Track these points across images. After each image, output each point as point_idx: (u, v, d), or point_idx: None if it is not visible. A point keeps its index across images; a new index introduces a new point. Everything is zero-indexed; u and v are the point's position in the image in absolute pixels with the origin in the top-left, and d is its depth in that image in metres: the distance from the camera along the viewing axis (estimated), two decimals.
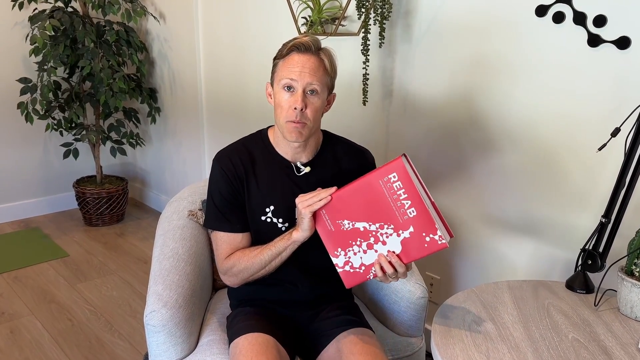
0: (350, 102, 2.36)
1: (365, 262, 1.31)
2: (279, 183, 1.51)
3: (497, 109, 1.89)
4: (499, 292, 1.50)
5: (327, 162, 1.54)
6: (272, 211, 1.50)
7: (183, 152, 3.57)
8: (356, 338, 1.44)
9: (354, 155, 1.59)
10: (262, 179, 1.50)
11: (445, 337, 1.28)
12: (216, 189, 1.51)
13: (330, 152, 1.56)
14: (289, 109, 1.39)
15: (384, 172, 1.24)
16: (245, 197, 1.50)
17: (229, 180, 1.49)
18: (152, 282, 1.60)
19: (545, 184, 1.81)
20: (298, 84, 1.38)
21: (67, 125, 3.44)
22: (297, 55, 1.40)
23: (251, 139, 1.56)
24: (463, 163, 2.03)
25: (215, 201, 1.51)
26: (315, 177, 1.51)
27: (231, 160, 1.50)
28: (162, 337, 1.51)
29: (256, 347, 1.38)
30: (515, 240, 1.93)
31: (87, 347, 2.31)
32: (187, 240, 1.75)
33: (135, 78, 3.55)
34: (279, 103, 1.41)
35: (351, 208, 1.29)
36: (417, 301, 1.65)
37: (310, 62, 1.39)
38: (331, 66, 1.44)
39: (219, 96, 3.14)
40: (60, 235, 3.46)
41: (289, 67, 1.39)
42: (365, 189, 1.27)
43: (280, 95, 1.41)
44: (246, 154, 1.52)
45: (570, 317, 1.38)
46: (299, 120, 1.39)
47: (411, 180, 1.23)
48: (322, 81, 1.41)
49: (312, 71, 1.38)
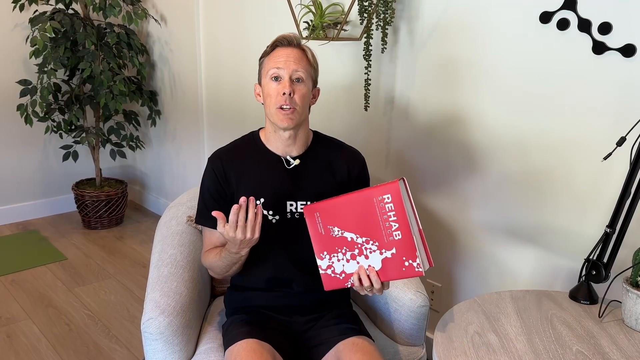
0: (351, 107, 2.35)
1: (346, 270, 1.36)
2: (269, 177, 1.55)
3: (501, 116, 1.87)
4: (501, 303, 1.48)
5: (317, 156, 1.59)
6: (263, 204, 1.53)
7: (183, 156, 3.55)
8: (355, 347, 1.42)
9: (344, 153, 1.63)
10: (253, 175, 1.55)
11: (448, 348, 1.26)
12: (205, 187, 1.59)
13: (320, 148, 1.61)
14: (277, 96, 1.47)
15: (380, 191, 1.29)
16: (234, 196, 1.54)
17: (217, 180, 1.56)
18: (149, 289, 1.58)
19: (549, 192, 1.79)
20: (284, 72, 1.47)
21: (67, 128, 3.42)
22: (281, 49, 1.49)
23: (243, 139, 1.64)
24: (465, 170, 2.01)
25: (203, 198, 1.59)
26: (304, 170, 1.56)
27: (222, 160, 1.57)
28: (159, 345, 1.49)
29: (251, 353, 1.37)
30: (517, 248, 1.91)
31: (84, 353, 2.29)
32: (185, 247, 1.74)
33: (136, 81, 3.53)
34: (268, 92, 1.49)
35: (344, 217, 1.34)
36: (418, 310, 1.63)
37: (294, 53, 1.49)
38: (313, 59, 1.54)
39: (219, 100, 3.12)
40: (59, 238, 3.44)
41: (274, 59, 1.48)
42: (361, 202, 1.31)
43: (269, 86, 1.49)
44: (238, 153, 1.59)
45: (574, 328, 1.36)
46: (289, 105, 1.45)
47: (403, 205, 1.27)
48: (307, 70, 1.50)
49: (296, 60, 1.48)
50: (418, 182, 2.18)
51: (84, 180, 3.72)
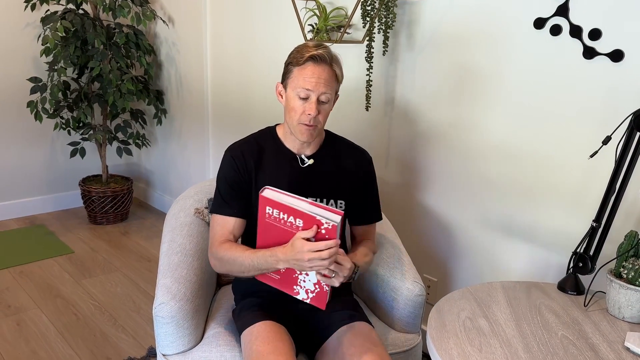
0: (354, 107, 2.44)
1: (314, 281, 1.43)
2: (284, 173, 1.62)
3: (495, 117, 1.96)
4: (493, 292, 1.56)
5: (329, 156, 1.66)
6: None
7: (188, 154, 3.64)
8: (357, 331, 1.51)
9: (353, 152, 1.71)
10: (269, 169, 1.62)
11: (440, 331, 1.34)
12: (223, 176, 1.62)
13: (332, 148, 1.68)
14: (302, 114, 1.52)
15: (262, 210, 1.42)
16: (252, 186, 1.61)
17: (237, 168, 1.60)
18: (160, 275, 1.67)
19: (541, 190, 1.88)
20: (313, 94, 1.50)
21: (75, 125, 3.51)
22: (312, 66, 1.49)
23: (261, 134, 1.70)
24: (461, 168, 2.10)
25: (220, 187, 1.63)
26: (317, 169, 1.64)
27: (242, 151, 1.62)
28: (170, 329, 1.57)
29: (271, 333, 1.47)
30: (510, 244, 2.00)
31: (91, 341, 2.37)
32: (194, 237, 1.82)
33: (143, 80, 3.62)
34: (294, 107, 1.53)
35: (270, 240, 1.44)
36: (415, 298, 1.72)
37: (325, 74, 1.50)
38: (341, 74, 1.56)
39: (224, 100, 3.21)
40: (66, 233, 3.53)
41: (305, 77, 1.49)
42: (267, 229, 1.44)
43: (295, 101, 1.52)
44: (256, 146, 1.64)
45: (561, 316, 1.44)
46: (312, 123, 1.52)
47: (279, 202, 1.38)
48: (333, 90, 1.54)
49: (326, 82, 1.50)
50: (417, 180, 2.27)
51: (90, 177, 3.81)
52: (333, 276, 1.38)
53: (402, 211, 2.35)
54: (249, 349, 1.45)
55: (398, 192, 2.36)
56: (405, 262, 1.81)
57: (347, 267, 1.39)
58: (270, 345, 1.42)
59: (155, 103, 3.68)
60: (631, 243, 1.44)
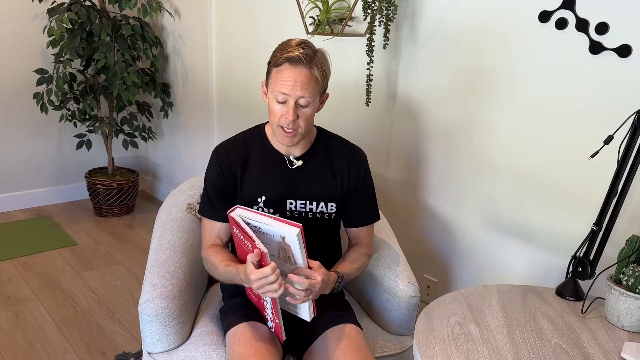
0: (354, 102, 2.38)
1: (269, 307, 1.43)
2: (271, 175, 1.58)
3: (497, 114, 1.90)
4: (487, 296, 1.50)
5: (319, 156, 1.60)
6: (264, 201, 1.57)
7: (193, 147, 3.62)
8: (342, 334, 1.46)
9: (345, 151, 1.64)
10: (256, 171, 1.58)
11: (427, 336, 1.29)
12: (209, 179, 1.60)
13: (323, 148, 1.62)
14: (281, 117, 1.46)
15: (231, 229, 1.44)
16: (237, 189, 1.57)
17: (221, 173, 1.57)
18: (148, 272, 1.64)
19: (542, 191, 1.81)
20: (290, 98, 1.43)
21: (81, 117, 3.51)
22: (289, 68, 1.41)
23: (249, 133, 1.65)
24: (463, 167, 2.04)
25: (207, 190, 1.61)
26: (306, 170, 1.59)
27: (228, 154, 1.58)
28: (155, 327, 1.55)
29: (255, 335, 1.43)
30: (512, 246, 1.93)
31: (87, 334, 2.36)
32: (184, 233, 1.79)
33: (150, 73, 3.60)
34: (272, 110, 1.48)
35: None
36: (408, 300, 1.66)
37: (301, 76, 1.41)
38: (323, 74, 1.46)
39: (229, 93, 3.18)
40: (70, 225, 3.53)
41: (281, 80, 1.43)
42: (238, 246, 1.46)
43: (273, 104, 1.47)
44: (243, 147, 1.60)
45: (556, 323, 1.38)
46: (291, 128, 1.46)
47: (239, 224, 1.36)
48: (314, 92, 1.45)
49: (303, 85, 1.42)
50: (418, 178, 2.21)
51: (96, 169, 3.81)
52: (299, 297, 1.34)
53: (402, 209, 2.30)
54: (232, 350, 1.41)
55: (399, 189, 2.30)
56: (400, 262, 1.76)
57: (317, 281, 1.34)
58: (252, 348, 1.38)
59: (161, 96, 3.66)
60: (632, 248, 1.37)
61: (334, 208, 1.60)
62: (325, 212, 1.60)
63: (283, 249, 1.38)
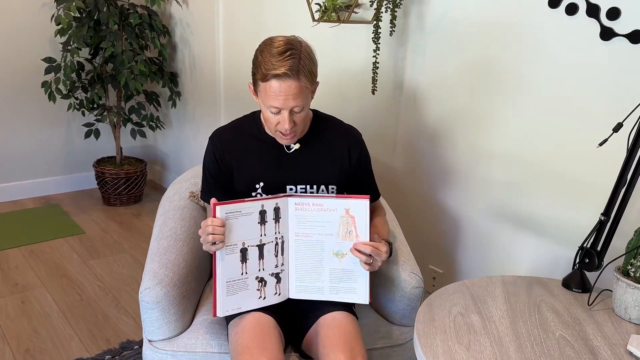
0: (360, 91, 2.35)
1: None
2: (268, 160, 1.57)
3: (504, 101, 1.86)
4: (491, 287, 1.48)
5: (317, 139, 1.59)
6: (262, 187, 1.56)
7: (201, 137, 3.61)
8: (335, 321, 1.45)
9: (342, 133, 1.63)
10: (253, 157, 1.57)
11: (428, 326, 1.27)
12: (206, 165, 1.62)
13: (320, 130, 1.60)
14: (277, 125, 1.46)
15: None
16: (234, 176, 1.57)
17: (216, 160, 1.58)
18: (149, 259, 1.63)
19: (549, 180, 1.77)
20: (284, 110, 1.42)
21: (89, 106, 3.51)
22: (277, 84, 1.37)
23: (245, 120, 1.64)
24: (470, 157, 2.00)
25: (205, 175, 1.63)
26: (304, 154, 1.57)
27: (223, 141, 1.59)
28: (155, 314, 1.54)
29: (259, 327, 1.41)
30: (519, 236, 1.90)
31: (92, 322, 2.36)
32: (186, 221, 1.78)
33: (158, 62, 3.59)
34: (267, 118, 1.47)
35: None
36: (411, 291, 1.64)
37: (291, 89, 1.38)
38: (311, 77, 1.42)
39: (236, 82, 3.16)
40: (79, 213, 3.55)
41: (271, 95, 1.39)
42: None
43: (267, 113, 1.46)
44: (239, 133, 1.60)
45: (561, 315, 1.35)
46: (290, 133, 1.46)
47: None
48: (305, 97, 1.43)
49: (295, 96, 1.39)
50: (424, 166, 2.18)
51: (105, 158, 3.82)
52: (371, 262, 1.44)
53: (408, 199, 2.27)
54: (235, 341, 1.40)
55: (405, 179, 2.27)
56: (403, 252, 1.73)
57: (383, 251, 1.44)
58: (256, 340, 1.36)
59: (169, 85, 3.65)
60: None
61: (334, 190, 1.58)
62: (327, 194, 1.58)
63: (345, 224, 1.45)
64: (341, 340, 1.38)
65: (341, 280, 1.50)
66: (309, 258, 1.50)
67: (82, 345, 2.21)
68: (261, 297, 1.48)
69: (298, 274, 1.51)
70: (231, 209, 1.43)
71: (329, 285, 1.51)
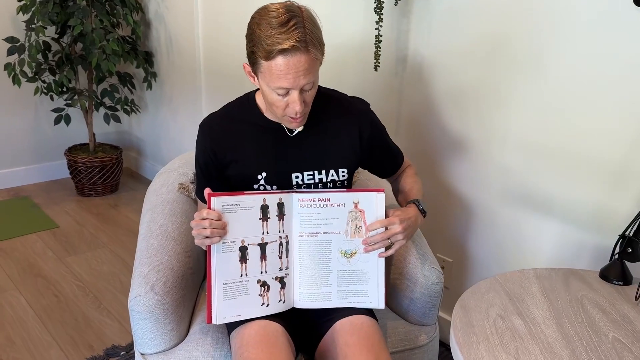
0: (360, 67, 2.17)
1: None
2: (269, 147, 1.38)
3: (523, 73, 1.70)
4: (525, 282, 1.33)
5: (321, 118, 1.40)
6: (265, 178, 1.38)
7: (180, 120, 3.38)
8: (354, 326, 1.29)
9: (348, 108, 1.44)
10: (251, 146, 1.38)
11: (468, 334, 1.12)
12: (198, 159, 1.45)
13: (324, 107, 1.41)
14: (286, 109, 1.26)
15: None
16: (228, 169, 1.40)
17: (207, 151, 1.40)
18: (137, 263, 1.44)
19: (575, 161, 1.63)
20: (294, 90, 1.23)
21: (58, 90, 3.25)
22: (284, 60, 1.18)
23: (238, 104, 1.45)
24: (480, 137, 1.85)
25: (197, 169, 1.47)
26: (309, 136, 1.39)
27: (214, 130, 1.41)
28: (149, 325, 1.36)
29: (265, 337, 1.24)
30: (537, 222, 1.76)
31: (72, 325, 2.17)
32: (177, 217, 1.59)
33: (131, 40, 3.34)
34: (273, 102, 1.27)
35: None
36: (432, 287, 1.49)
37: (302, 64, 1.19)
38: (321, 47, 1.24)
39: (218, 61, 2.94)
40: (51, 205, 3.31)
41: (278, 74, 1.19)
42: None
43: (272, 96, 1.25)
44: (232, 120, 1.41)
45: (608, 312, 1.22)
46: (299, 115, 1.27)
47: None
48: (316, 71, 1.25)
49: (306, 72, 1.20)
50: (431, 148, 2.02)
51: (77, 146, 3.57)
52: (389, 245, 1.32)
53: None
54: (240, 355, 1.22)
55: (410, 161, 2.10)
56: (421, 244, 1.58)
57: (398, 226, 1.29)
58: (265, 353, 1.20)
59: (144, 65, 3.40)
60: None
61: (345, 174, 1.41)
62: (337, 179, 1.41)
63: (354, 219, 1.31)
64: (364, 348, 1.23)
65: (350, 282, 1.34)
66: (315, 261, 1.34)
67: (62, 353, 2.01)
68: (264, 304, 1.31)
69: (301, 280, 1.34)
70: (229, 201, 1.26)
71: (336, 290, 1.34)
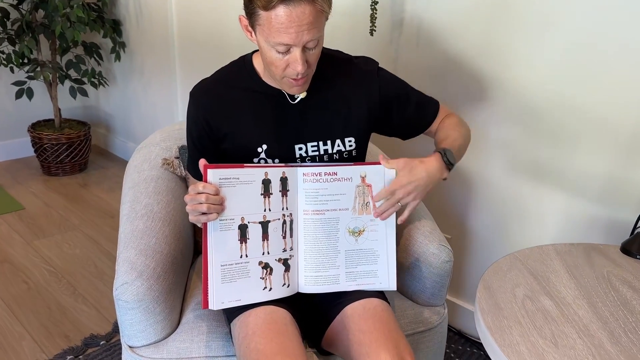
0: (353, 32, 2.03)
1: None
2: (269, 117, 1.25)
3: (530, 36, 1.59)
4: (546, 259, 1.25)
5: (324, 82, 1.27)
6: (266, 150, 1.25)
7: (152, 94, 3.19)
8: (367, 311, 1.18)
9: (354, 70, 1.31)
10: (250, 115, 1.25)
11: (497, 317, 1.02)
12: (188, 129, 1.31)
13: (328, 71, 1.27)
14: (286, 69, 1.13)
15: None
16: (224, 142, 1.26)
17: (199, 122, 1.26)
18: (122, 247, 1.30)
19: (586, 131, 1.54)
20: (295, 47, 1.09)
21: (18, 61, 3.01)
22: (285, 11, 1.04)
23: (233, 69, 1.29)
24: (483, 100, 1.75)
25: (188, 142, 1.33)
26: (312, 103, 1.26)
27: (207, 97, 1.26)
28: (137, 315, 1.23)
29: (274, 325, 1.12)
30: (544, 194, 1.68)
31: (45, 314, 2.01)
32: (162, 195, 1.45)
33: (97, 8, 3.12)
34: (272, 62, 1.13)
35: None
36: (441, 266, 1.40)
37: (305, 16, 1.05)
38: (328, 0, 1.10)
39: (193, 29, 2.75)
40: (15, 186, 3.09)
41: (278, 28, 1.06)
42: None
43: (272, 54, 1.11)
44: (228, 86, 1.26)
45: (638, 289, 1.14)
46: (301, 77, 1.14)
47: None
48: (322, 26, 1.11)
49: (310, 26, 1.07)
50: None
51: (41, 122, 3.34)
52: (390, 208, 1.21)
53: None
54: (245, 346, 1.10)
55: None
56: (427, 221, 1.48)
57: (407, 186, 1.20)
58: (274, 343, 1.08)
59: (111, 35, 3.19)
60: None
61: (352, 143, 1.29)
62: (344, 149, 1.29)
63: (361, 194, 1.22)
64: (382, 335, 1.12)
65: (359, 263, 1.24)
66: (321, 241, 1.22)
67: (35, 345, 1.86)
68: (266, 287, 1.19)
69: (307, 262, 1.22)
70: (226, 174, 1.13)
71: (345, 272, 1.23)
